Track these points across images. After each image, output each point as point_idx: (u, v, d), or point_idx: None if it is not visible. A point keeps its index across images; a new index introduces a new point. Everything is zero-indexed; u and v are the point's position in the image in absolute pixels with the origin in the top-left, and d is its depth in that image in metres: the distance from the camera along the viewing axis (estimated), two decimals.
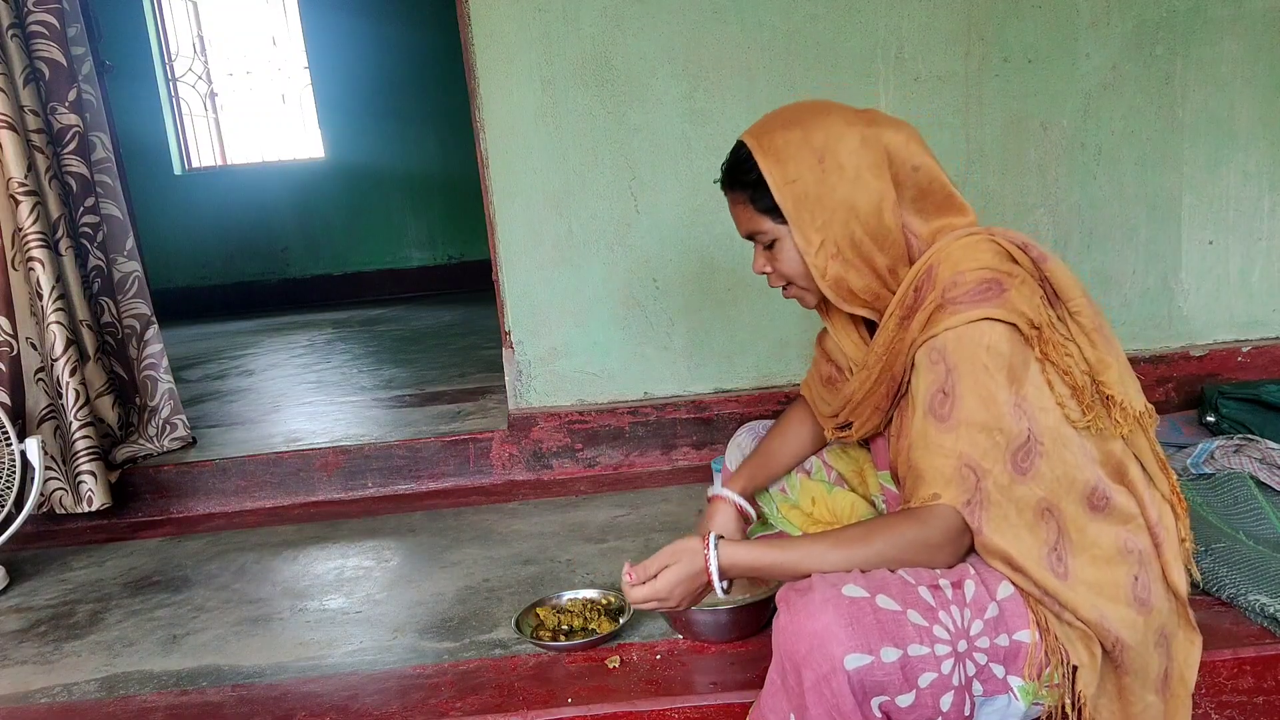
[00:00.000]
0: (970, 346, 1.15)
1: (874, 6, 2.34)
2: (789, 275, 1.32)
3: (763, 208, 1.27)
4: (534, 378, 2.53)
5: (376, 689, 1.51)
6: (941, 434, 1.16)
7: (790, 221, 1.25)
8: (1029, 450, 1.14)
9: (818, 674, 1.06)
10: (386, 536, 2.22)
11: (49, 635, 1.86)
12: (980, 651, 1.11)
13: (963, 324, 1.15)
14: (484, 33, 2.34)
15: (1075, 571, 1.14)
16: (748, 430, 1.74)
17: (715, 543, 1.25)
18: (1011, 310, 1.15)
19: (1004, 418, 1.13)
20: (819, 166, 1.23)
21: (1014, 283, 1.17)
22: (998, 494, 1.13)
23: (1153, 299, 2.49)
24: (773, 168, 1.25)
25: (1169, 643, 1.20)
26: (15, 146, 2.29)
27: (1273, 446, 1.92)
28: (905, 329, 1.24)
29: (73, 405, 2.39)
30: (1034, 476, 1.14)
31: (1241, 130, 2.41)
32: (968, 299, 1.16)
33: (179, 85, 6.32)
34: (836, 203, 1.23)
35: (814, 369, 1.59)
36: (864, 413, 1.37)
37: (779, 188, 1.24)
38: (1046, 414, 1.16)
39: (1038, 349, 1.16)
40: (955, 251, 1.21)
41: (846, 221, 1.24)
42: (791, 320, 2.49)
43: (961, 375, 1.15)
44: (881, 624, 1.07)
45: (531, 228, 2.44)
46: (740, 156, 1.30)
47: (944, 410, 1.16)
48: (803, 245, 1.26)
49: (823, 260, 1.26)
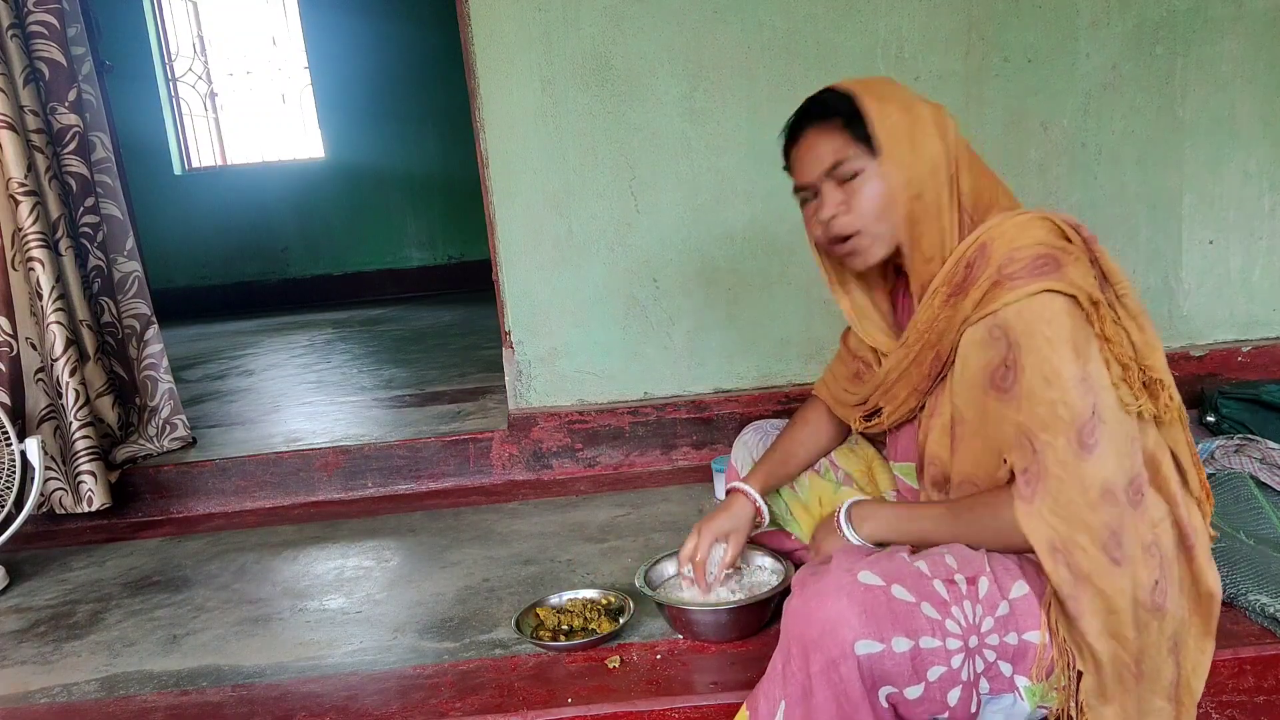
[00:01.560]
0: (1032, 320, 1.13)
1: (874, 6, 2.34)
2: (865, 214, 1.27)
3: (855, 135, 1.26)
4: (534, 378, 2.53)
5: (376, 689, 1.51)
6: (1004, 406, 1.16)
7: (885, 152, 1.24)
8: (1094, 427, 1.11)
9: (827, 658, 1.06)
10: (386, 536, 2.22)
11: (49, 635, 1.86)
12: (989, 648, 1.11)
13: (1023, 298, 1.14)
14: (484, 32, 2.34)
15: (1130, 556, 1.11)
16: (754, 429, 1.74)
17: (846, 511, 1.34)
18: (1071, 284, 1.13)
19: (1069, 391, 1.11)
20: (908, 115, 1.25)
21: (1070, 259, 1.15)
22: (1058, 468, 1.11)
23: (1153, 299, 2.49)
24: (872, 103, 1.26)
25: (1179, 650, 1.18)
26: (15, 146, 2.29)
27: (1273, 446, 1.92)
28: (953, 306, 1.22)
29: (73, 405, 2.39)
30: (1100, 456, 1.11)
31: (1242, 130, 2.41)
32: (1025, 273, 1.14)
33: (179, 85, 6.32)
34: (922, 149, 1.24)
35: (836, 366, 1.57)
36: (899, 394, 1.35)
37: (879, 119, 1.24)
38: (1108, 392, 1.14)
39: (1097, 326, 1.14)
40: (1009, 229, 1.19)
41: (934, 169, 1.24)
42: (792, 320, 2.49)
43: (1025, 349, 1.14)
44: (895, 614, 1.07)
45: (531, 228, 2.44)
46: (829, 94, 1.31)
47: (1006, 384, 1.15)
48: (896, 175, 1.24)
49: (907, 197, 1.25)
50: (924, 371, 1.29)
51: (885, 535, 1.30)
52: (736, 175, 2.42)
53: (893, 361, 1.33)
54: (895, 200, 1.25)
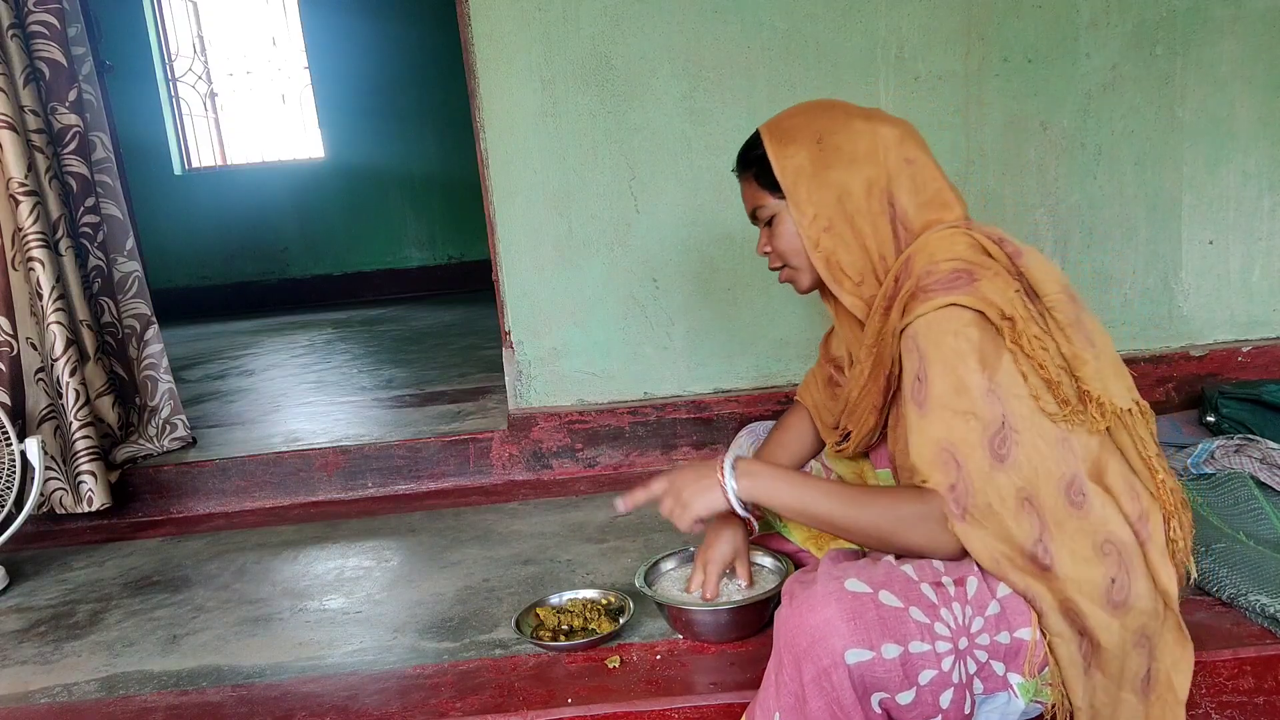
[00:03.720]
0: (939, 332, 1.17)
1: (874, 6, 2.34)
2: (785, 252, 1.38)
3: (765, 184, 1.36)
4: (534, 378, 2.53)
5: (376, 689, 1.51)
6: (921, 420, 1.18)
7: (787, 194, 1.33)
8: (1004, 437, 1.13)
9: (818, 668, 1.06)
10: (386, 536, 2.22)
11: (49, 635, 1.86)
12: (981, 649, 1.12)
13: (932, 310, 1.18)
14: (484, 32, 2.34)
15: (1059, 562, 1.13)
16: (748, 433, 1.75)
17: (734, 457, 1.31)
18: (980, 299, 1.17)
19: (977, 402, 1.14)
20: (817, 147, 1.31)
21: (986, 274, 1.19)
22: (979, 480, 1.13)
23: (1153, 299, 2.49)
24: (775, 146, 1.34)
25: (1152, 643, 1.19)
26: (15, 146, 2.29)
27: (1273, 446, 1.92)
28: (886, 318, 1.27)
29: (73, 405, 2.39)
30: (1012, 465, 1.13)
31: (1241, 130, 2.41)
32: (939, 286, 1.19)
33: (179, 85, 6.32)
34: (831, 180, 1.30)
35: (815, 371, 1.60)
36: (861, 415, 1.38)
37: (779, 162, 1.33)
38: (1020, 401, 1.15)
39: (1009, 339, 1.16)
40: (932, 243, 1.25)
41: (840, 198, 1.30)
42: (792, 320, 2.49)
43: (931, 360, 1.17)
44: (884, 620, 1.07)
45: (531, 228, 2.44)
46: (751, 141, 1.40)
47: (920, 396, 1.18)
48: (797, 216, 1.33)
49: (815, 232, 1.32)
50: (879, 387, 1.32)
51: (764, 497, 1.27)
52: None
53: (853, 381, 1.38)
54: (804, 235, 1.33)
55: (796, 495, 1.25)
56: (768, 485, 1.27)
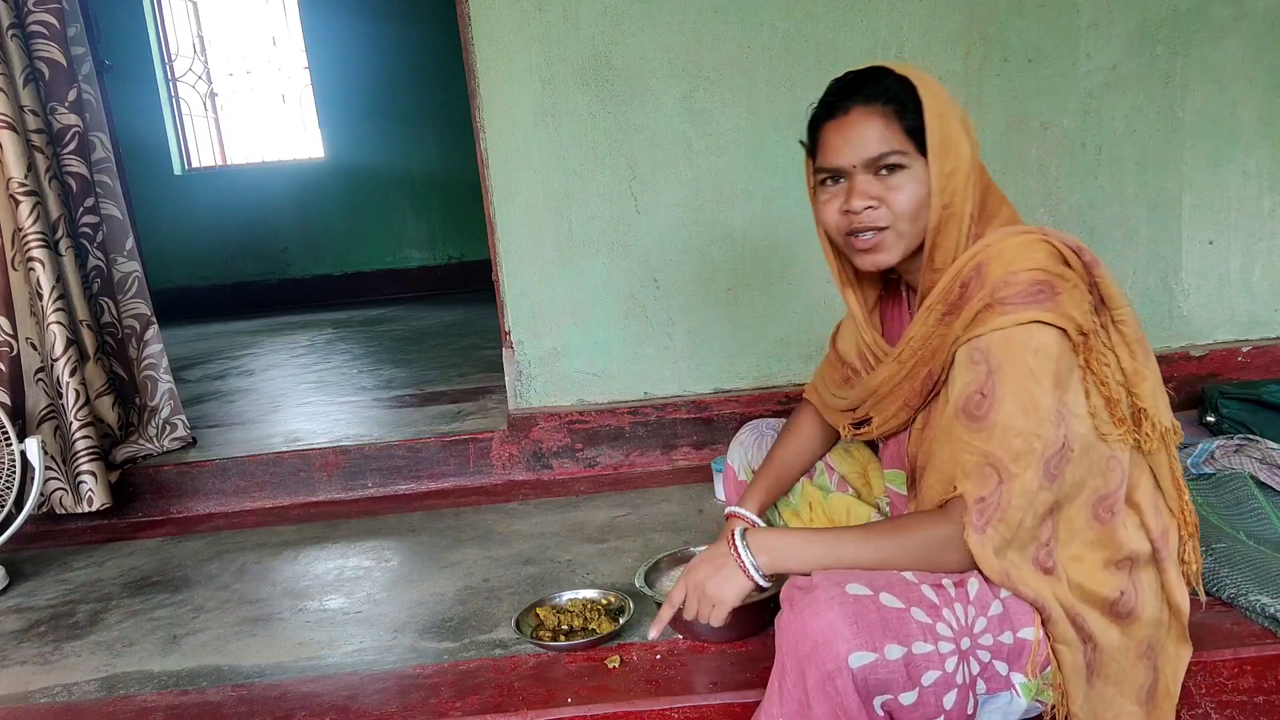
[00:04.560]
0: (1018, 349, 1.11)
1: (874, 6, 2.34)
2: (902, 210, 1.20)
3: (907, 127, 1.19)
4: (534, 378, 2.53)
5: (376, 689, 1.51)
6: (972, 434, 1.14)
7: (933, 152, 1.18)
8: (1062, 457, 1.11)
9: (822, 672, 1.06)
10: (386, 536, 2.22)
11: (49, 635, 1.86)
12: (984, 649, 1.11)
13: (1011, 325, 1.11)
14: (484, 33, 2.34)
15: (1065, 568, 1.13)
16: (750, 429, 1.73)
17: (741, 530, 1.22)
18: (1063, 315, 1.11)
19: (1044, 424, 1.10)
20: (954, 116, 1.19)
21: (1066, 286, 1.13)
22: (1021, 499, 1.11)
23: (1153, 299, 2.49)
24: (930, 97, 1.18)
25: (1156, 654, 1.19)
26: (15, 146, 2.29)
27: (1273, 446, 1.92)
28: (947, 325, 1.19)
29: (73, 405, 2.39)
30: (1059, 484, 1.12)
31: (1242, 130, 2.41)
32: (1018, 300, 1.12)
33: (179, 85, 6.31)
34: (960, 156, 1.19)
35: (825, 370, 1.55)
36: (889, 408, 1.32)
37: (935, 116, 1.17)
38: (1080, 421, 1.13)
39: (1082, 357, 1.13)
40: (1009, 249, 1.15)
41: (965, 177, 1.19)
42: (792, 320, 2.48)
43: (1005, 378, 1.12)
44: (885, 621, 1.06)
45: (531, 228, 2.44)
46: (884, 75, 1.22)
47: (979, 411, 1.13)
48: (936, 181, 1.18)
49: (939, 205, 1.19)
50: (915, 388, 1.27)
51: (789, 565, 1.19)
52: (736, 175, 2.42)
53: (884, 375, 1.30)
54: (929, 206, 1.19)
55: (823, 553, 1.18)
56: (789, 553, 1.20)
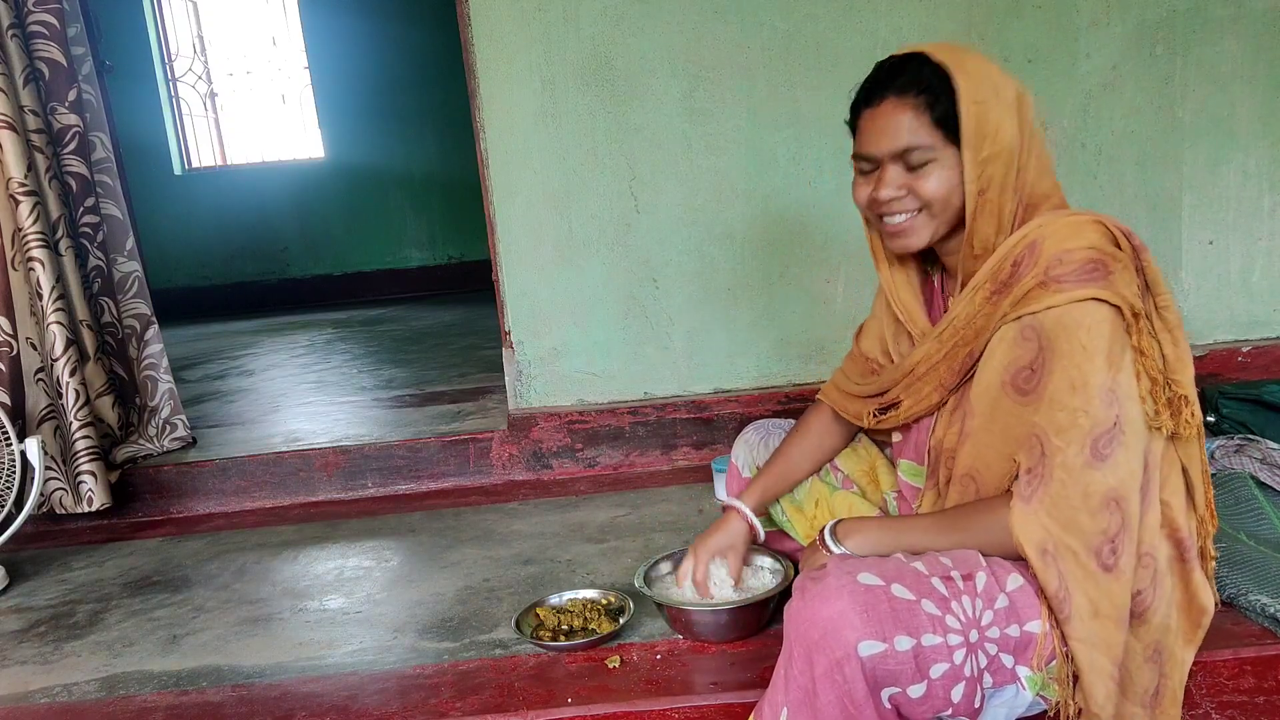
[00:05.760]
0: (1073, 326, 1.11)
1: (874, 6, 2.34)
2: (931, 198, 1.20)
3: (936, 117, 1.18)
4: (534, 378, 2.53)
5: (376, 689, 1.51)
6: (1020, 407, 1.15)
7: (966, 141, 1.17)
8: (1113, 438, 1.10)
9: (830, 660, 1.06)
10: (386, 536, 2.22)
11: (49, 635, 1.86)
12: (991, 642, 1.11)
13: (1066, 303, 1.11)
14: (484, 33, 2.34)
15: (1123, 565, 1.11)
16: (755, 428, 1.73)
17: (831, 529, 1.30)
18: (1117, 294, 1.11)
19: (1092, 400, 1.10)
20: (995, 100, 1.17)
21: (1119, 266, 1.12)
22: (1061, 472, 1.11)
23: None
24: (965, 83, 1.16)
25: (1162, 658, 1.18)
26: (15, 146, 2.29)
27: (1273, 446, 1.92)
28: (994, 304, 1.18)
29: (73, 405, 2.39)
30: (1112, 465, 1.10)
31: (1242, 130, 2.41)
32: (1073, 278, 1.11)
33: (179, 85, 6.32)
34: (999, 140, 1.17)
35: (847, 366, 1.55)
36: (923, 389, 1.31)
37: (968, 104, 1.16)
38: (1134, 404, 1.13)
39: (1134, 338, 1.13)
40: (1062, 229, 1.15)
41: (1006, 161, 1.18)
42: (792, 320, 2.49)
43: (1057, 354, 1.12)
44: (896, 612, 1.06)
45: (531, 228, 2.44)
46: (913, 62, 1.21)
47: (1029, 385, 1.14)
48: (968, 169, 1.17)
49: (972, 191, 1.19)
50: (954, 367, 1.26)
51: (873, 549, 1.25)
52: (736, 175, 2.42)
53: (922, 354, 1.29)
54: (960, 193, 1.20)
55: (900, 539, 1.24)
56: (870, 541, 1.26)
